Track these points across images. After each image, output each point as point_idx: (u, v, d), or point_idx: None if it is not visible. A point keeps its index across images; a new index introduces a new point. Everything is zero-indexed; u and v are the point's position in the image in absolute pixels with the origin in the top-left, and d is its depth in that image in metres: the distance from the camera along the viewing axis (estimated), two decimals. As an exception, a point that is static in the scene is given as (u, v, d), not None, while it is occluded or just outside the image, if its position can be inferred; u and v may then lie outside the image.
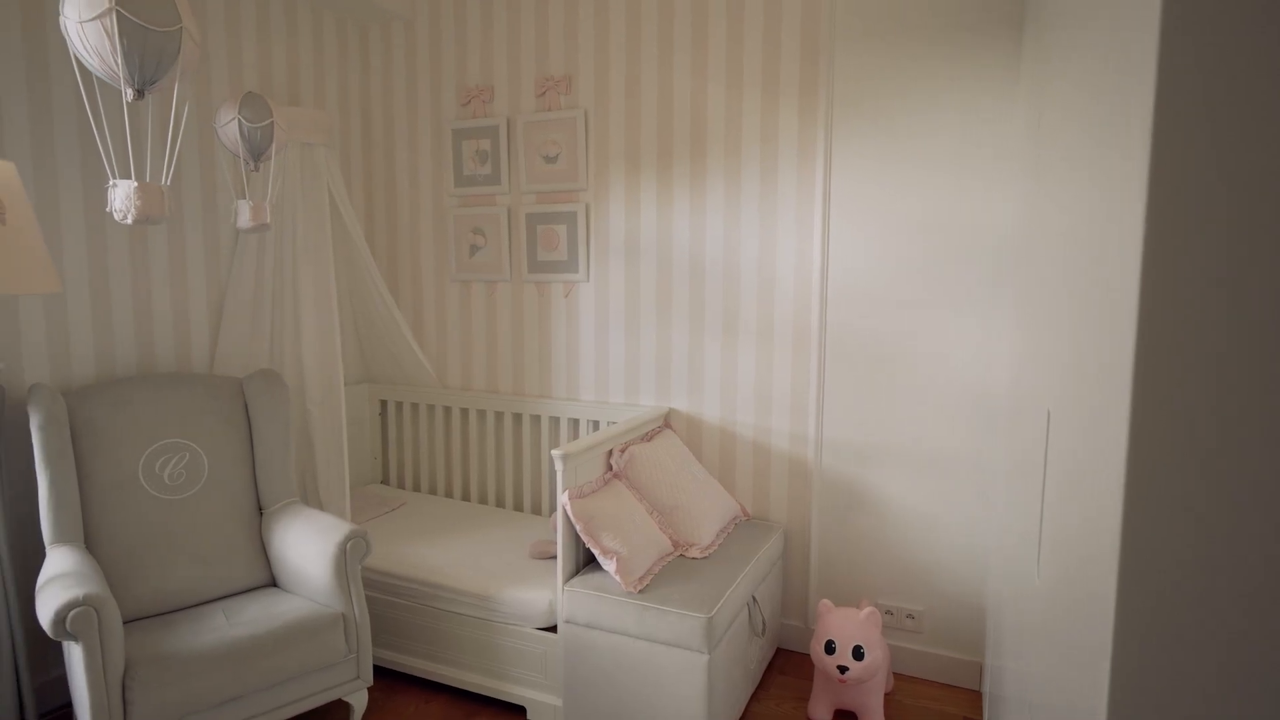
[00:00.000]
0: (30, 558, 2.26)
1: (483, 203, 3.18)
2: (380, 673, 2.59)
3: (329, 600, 2.15)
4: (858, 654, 2.17)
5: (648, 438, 2.70)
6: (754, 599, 2.42)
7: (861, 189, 2.53)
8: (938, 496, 2.52)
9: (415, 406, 3.42)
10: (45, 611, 1.73)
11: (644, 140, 2.85)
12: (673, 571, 2.29)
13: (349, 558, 2.13)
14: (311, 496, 2.87)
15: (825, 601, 2.29)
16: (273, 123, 2.45)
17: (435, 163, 3.27)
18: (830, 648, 2.20)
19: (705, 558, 2.41)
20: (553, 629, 2.29)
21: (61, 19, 1.88)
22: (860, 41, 2.47)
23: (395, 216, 3.40)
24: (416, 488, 3.45)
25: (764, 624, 2.49)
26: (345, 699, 2.18)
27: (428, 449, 3.39)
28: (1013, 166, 2.33)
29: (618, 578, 2.16)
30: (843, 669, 2.18)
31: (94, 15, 1.83)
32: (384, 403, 3.50)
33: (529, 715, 2.34)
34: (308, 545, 2.21)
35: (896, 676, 2.61)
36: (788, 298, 2.68)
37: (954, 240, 2.42)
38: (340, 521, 2.22)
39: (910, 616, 2.60)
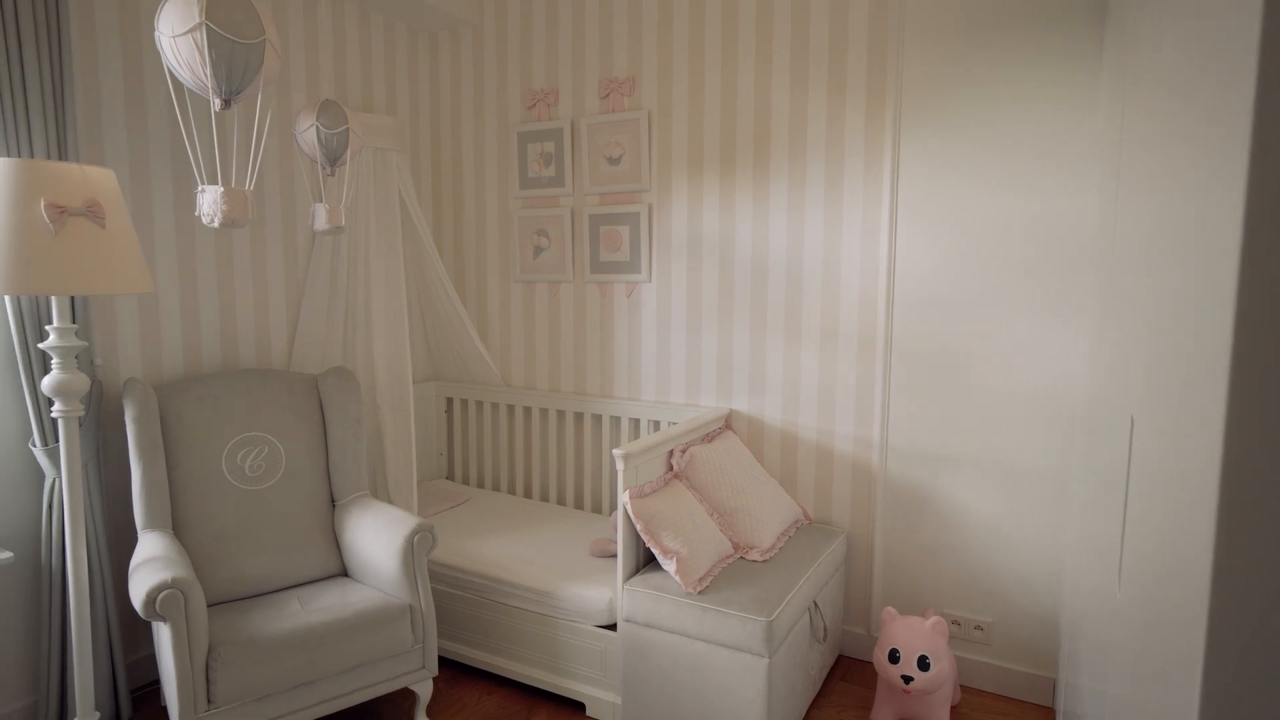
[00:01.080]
0: (124, 541, 2.40)
1: (546, 204, 3.22)
2: (444, 663, 2.65)
3: (397, 591, 2.22)
4: (923, 664, 2.12)
5: (708, 438, 2.69)
6: (815, 604, 2.38)
7: (931, 188, 2.46)
8: (1009, 504, 2.44)
9: (480, 404, 3.49)
10: (137, 593, 1.83)
11: (707, 141, 2.84)
12: (733, 574, 2.28)
13: (416, 550, 2.19)
14: (380, 490, 2.96)
15: (889, 609, 2.24)
16: (348, 129, 2.53)
17: (500, 165, 3.33)
18: (894, 657, 2.15)
19: (766, 561, 2.39)
20: (612, 627, 2.31)
21: (156, 35, 1.99)
22: (930, 37, 2.41)
23: (462, 218, 3.48)
24: (480, 484, 3.53)
25: (825, 630, 2.45)
26: (411, 688, 2.24)
27: (491, 446, 3.46)
28: (1093, 163, 2.23)
29: (678, 578, 2.16)
30: (907, 679, 2.13)
31: (186, 30, 1.94)
32: (450, 400, 3.59)
33: (588, 711, 2.36)
34: (377, 537, 2.28)
35: (964, 689, 2.54)
36: (853, 299, 2.63)
37: (1029, 240, 2.34)
38: (408, 515, 2.29)
39: (979, 628, 2.52)
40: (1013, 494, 2.43)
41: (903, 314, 2.55)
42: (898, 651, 2.15)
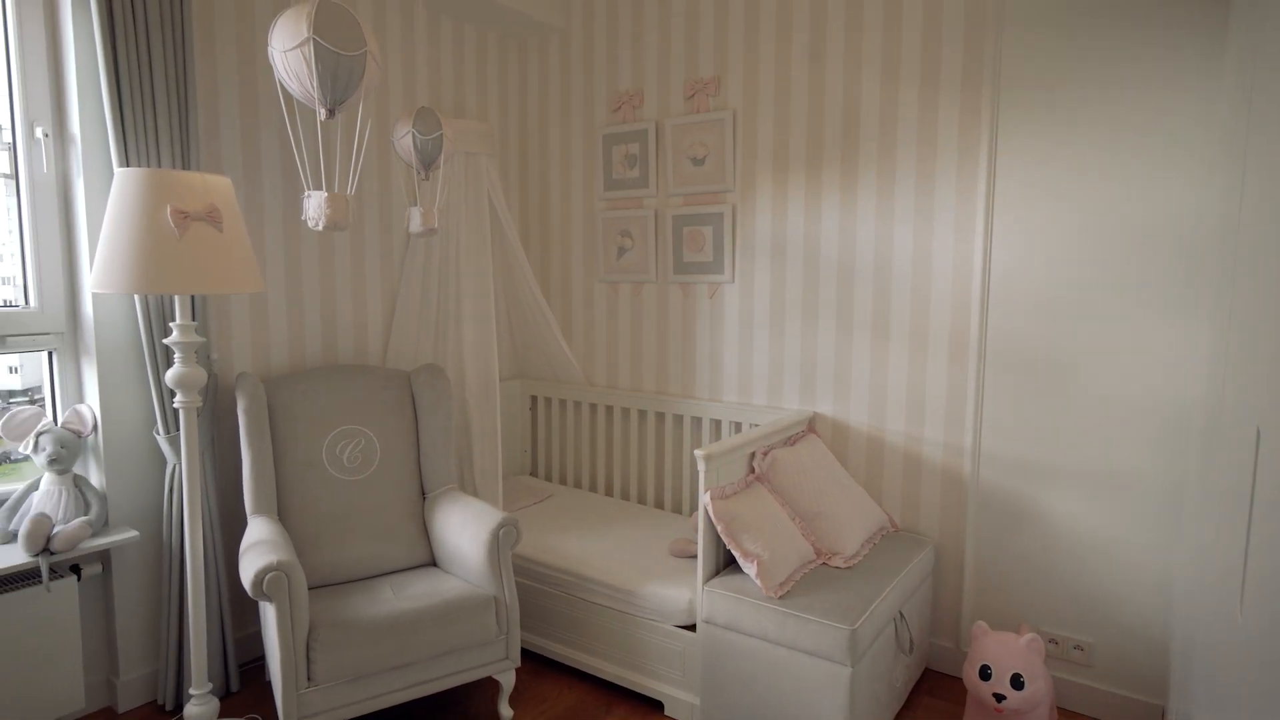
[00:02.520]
0: (234, 524, 2.57)
1: (630, 205, 3.25)
2: (526, 655, 2.71)
3: (482, 582, 2.28)
4: (1016, 683, 2.02)
5: (791, 441, 2.65)
6: (901, 614, 2.31)
7: (1030, 183, 2.35)
8: (1114, 519, 2.30)
9: (563, 403, 3.55)
10: (246, 573, 1.95)
11: (793, 140, 2.80)
12: (815, 580, 2.24)
13: (501, 544, 2.25)
14: (468, 484, 3.06)
15: (981, 623, 2.15)
16: (442, 134, 2.63)
17: (586, 168, 3.38)
18: (985, 673, 2.07)
19: (850, 568, 2.33)
20: (691, 627, 2.31)
21: (270, 50, 2.12)
22: (1031, 22, 2.30)
23: (548, 220, 3.55)
24: (563, 481, 3.59)
25: (911, 642, 2.37)
26: (495, 677, 2.30)
27: (574, 444, 3.51)
28: (1214, 155, 2.08)
29: (758, 582, 2.13)
30: (999, 697, 2.04)
31: (295, 45, 2.05)
32: (534, 398, 3.66)
33: (666, 710, 2.37)
34: (464, 529, 2.35)
35: (1061, 713, 2.41)
36: (944, 300, 2.54)
37: (1140, 237, 2.20)
38: (493, 509, 2.35)
39: (1079, 648, 2.38)
40: (1119, 506, 2.29)
41: (999, 315, 2.44)
42: (989, 668, 2.06)
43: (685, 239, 3.09)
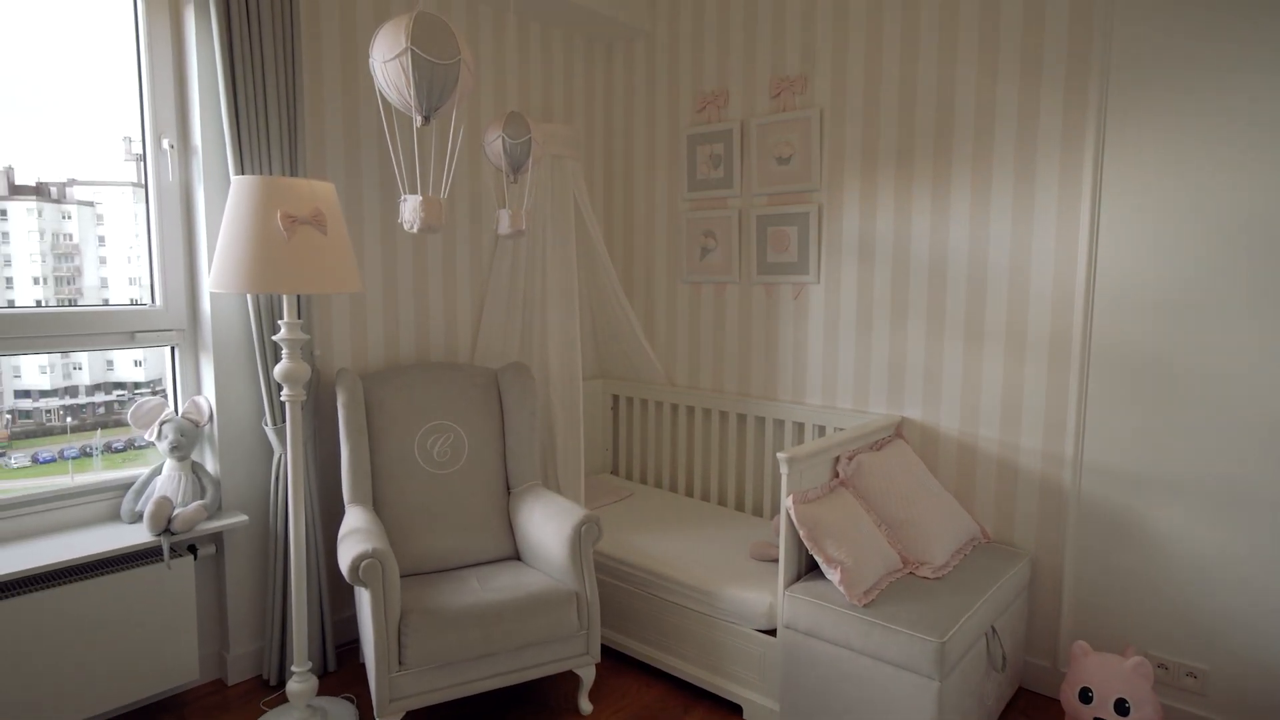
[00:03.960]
0: (332, 512, 2.70)
1: (714, 206, 3.24)
2: (606, 652, 2.74)
3: (564, 578, 2.32)
4: (1121, 708, 1.91)
5: (877, 446, 2.58)
6: (993, 629, 2.22)
7: (1141, 177, 2.21)
8: (1234, 536, 2.13)
9: (645, 403, 3.57)
10: (344, 560, 2.05)
11: (883, 137, 2.72)
12: (902, 589, 2.17)
13: (583, 540, 2.29)
14: (551, 481, 3.12)
15: (1081, 643, 2.04)
16: (530, 138, 2.69)
17: (670, 169, 3.39)
18: (1086, 696, 1.96)
19: (938, 579, 2.25)
20: (772, 632, 2.28)
21: (370, 61, 2.22)
22: (1142, 6, 2.16)
23: (631, 221, 3.58)
24: (644, 480, 3.61)
25: (1004, 658, 2.27)
26: (575, 671, 2.34)
27: (655, 444, 3.53)
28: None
29: (842, 588, 2.09)
30: (1101, 722, 1.93)
31: (394, 55, 2.14)
32: (616, 398, 3.70)
33: (745, 714, 2.35)
34: (547, 525, 2.40)
35: (1171, 741, 2.26)
36: (1044, 302, 2.42)
37: (1263, 234, 2.03)
38: (576, 506, 2.39)
39: (1191, 675, 2.22)
40: (1239, 523, 2.12)
41: (1105, 316, 2.30)
42: (1090, 691, 1.95)
43: (770, 239, 3.05)
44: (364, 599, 2.13)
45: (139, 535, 2.22)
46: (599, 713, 2.39)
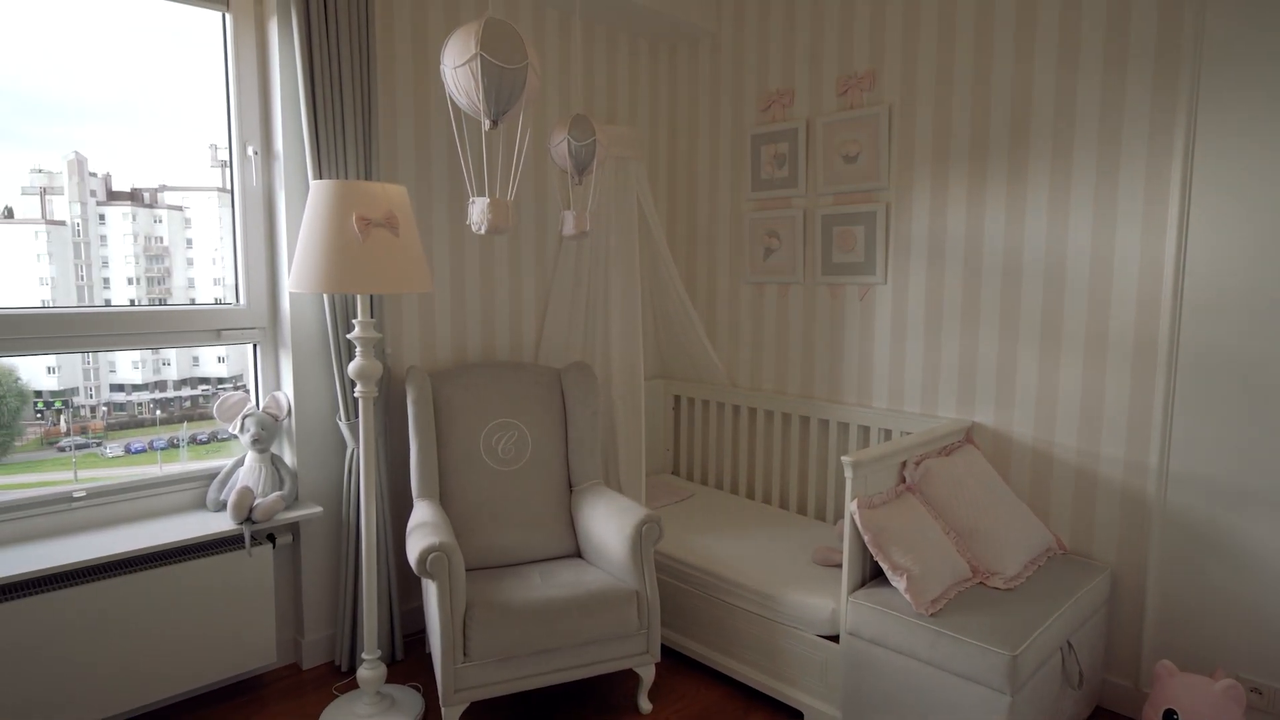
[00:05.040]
0: (401, 505, 2.78)
1: (778, 206, 3.20)
2: (666, 652, 2.74)
3: (624, 576, 2.34)
4: (1210, 732, 1.81)
5: (946, 452, 2.51)
6: (1069, 645, 2.13)
7: (1235, 176, 2.09)
8: (1339, 556, 1.99)
9: (706, 403, 3.56)
10: (412, 552, 2.11)
11: (955, 133, 2.65)
12: (971, 599, 2.11)
13: (644, 540, 2.29)
14: (612, 479, 3.14)
15: (1166, 663, 1.94)
16: (595, 140, 2.71)
17: (733, 169, 3.37)
18: (1170, 719, 1.86)
19: (1010, 590, 2.18)
20: (834, 638, 2.24)
21: (441, 68, 2.28)
22: (1244, -6, 2.04)
23: (694, 221, 3.57)
24: (704, 481, 3.60)
25: (1081, 676, 2.18)
26: (635, 670, 2.35)
27: (716, 445, 3.51)
28: None
29: (908, 597, 2.04)
30: (1187, 746, 1.83)
31: (464, 61, 2.19)
32: (677, 398, 3.70)
33: (806, 721, 2.32)
34: (608, 523, 2.41)
35: (1264, 771, 2.12)
36: (1128, 304, 2.31)
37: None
38: (637, 505, 2.40)
39: (1289, 701, 2.09)
40: (1345, 544, 1.98)
41: (1195, 320, 2.18)
42: (1176, 714, 1.86)
43: (835, 239, 3.00)
44: (431, 591, 2.19)
45: (223, 523, 2.33)
46: (658, 712, 2.40)
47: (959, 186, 2.65)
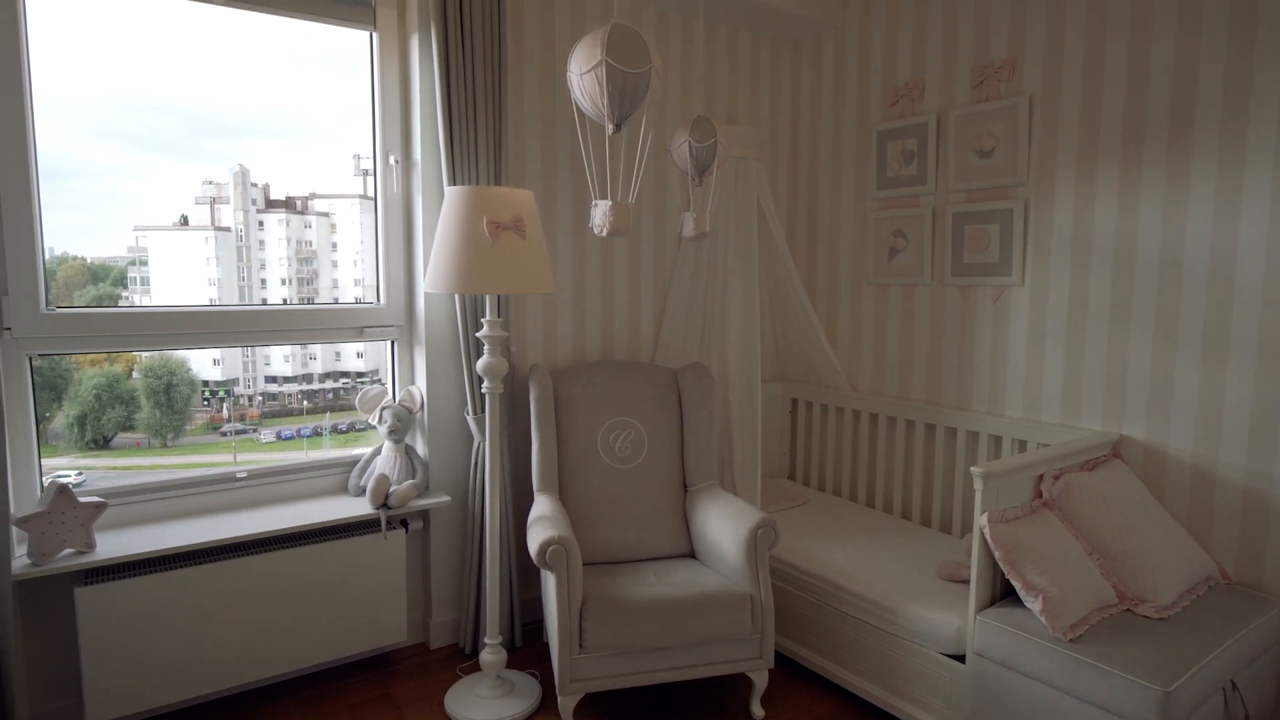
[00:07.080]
0: (522, 498, 2.88)
1: (905, 204, 3.08)
2: (780, 659, 2.70)
3: (738, 579, 2.32)
4: None
5: (1089, 466, 2.33)
6: (1233, 684, 1.93)
7: None
8: None
9: (824, 407, 3.47)
10: (532, 544, 2.18)
11: (1105, 122, 2.45)
12: (1117, 626, 1.95)
13: (759, 544, 2.27)
14: (727, 481, 3.12)
15: (1354, 713, 1.72)
16: (716, 141, 2.70)
17: (857, 167, 3.27)
18: (1359, 776, 1.65)
19: (1163, 619, 2.00)
20: (960, 658, 2.13)
21: (568, 75, 2.34)
22: None
23: (815, 221, 3.50)
24: (821, 487, 3.51)
25: (1248, 719, 1.97)
26: (748, 675, 2.32)
27: (834, 450, 3.42)
28: None
29: (1044, 619, 1.91)
30: (1380, 810, 1.61)
31: (590, 68, 2.24)
32: (794, 401, 3.63)
33: (928, 742, 2.22)
34: (723, 525, 2.40)
35: None
36: (1312, 308, 2.06)
37: None
38: (752, 509, 2.38)
39: None
40: None
41: (1397, 329, 1.92)
42: (1366, 771, 1.64)
43: (967, 238, 2.86)
44: (549, 582, 2.25)
45: (362, 508, 2.50)
46: (770, 719, 2.36)
47: (1109, 180, 2.46)
